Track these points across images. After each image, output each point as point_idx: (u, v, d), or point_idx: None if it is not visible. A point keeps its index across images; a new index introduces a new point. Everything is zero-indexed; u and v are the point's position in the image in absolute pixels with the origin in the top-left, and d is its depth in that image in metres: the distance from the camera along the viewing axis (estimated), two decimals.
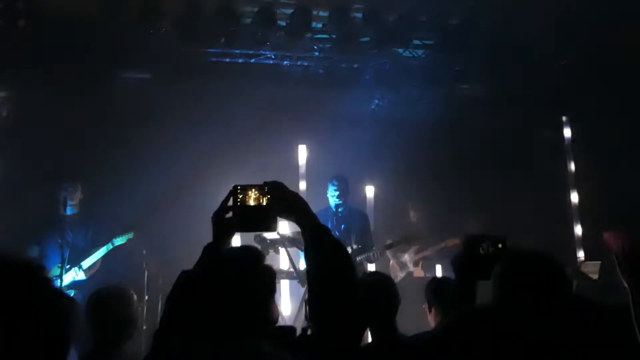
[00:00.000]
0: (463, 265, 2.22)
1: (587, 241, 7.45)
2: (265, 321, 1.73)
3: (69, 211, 5.83)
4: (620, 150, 7.00)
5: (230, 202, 1.91)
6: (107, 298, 3.04)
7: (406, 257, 7.03)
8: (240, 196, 1.89)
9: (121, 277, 5.78)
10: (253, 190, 1.90)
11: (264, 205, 1.89)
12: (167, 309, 1.86)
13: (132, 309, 3.10)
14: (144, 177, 6.43)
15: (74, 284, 5.59)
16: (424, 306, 3.40)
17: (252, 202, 1.89)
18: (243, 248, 1.83)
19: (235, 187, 1.91)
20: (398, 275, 6.85)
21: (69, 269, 5.63)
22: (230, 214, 1.91)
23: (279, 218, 1.91)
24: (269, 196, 1.89)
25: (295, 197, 1.90)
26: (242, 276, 1.72)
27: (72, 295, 5.28)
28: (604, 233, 5.87)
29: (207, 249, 1.91)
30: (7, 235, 5.65)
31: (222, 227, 1.92)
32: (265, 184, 1.91)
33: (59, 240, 5.50)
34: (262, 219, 1.90)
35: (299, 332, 1.91)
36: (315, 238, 1.81)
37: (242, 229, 1.97)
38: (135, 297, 3.18)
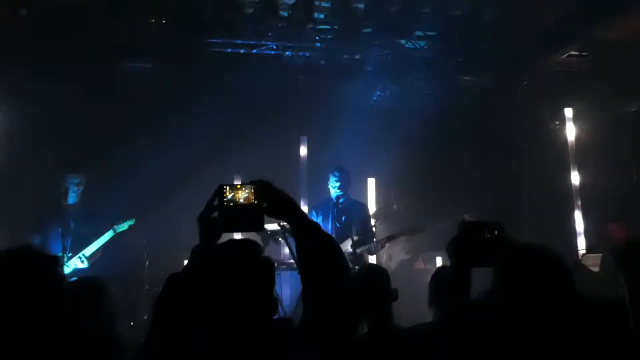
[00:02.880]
0: (458, 251, 2.19)
1: (589, 233, 7.45)
2: (264, 314, 1.73)
3: (71, 200, 5.87)
4: (624, 143, 6.99)
5: (217, 202, 1.85)
6: (80, 289, 3.01)
7: (398, 246, 7.05)
8: (226, 196, 1.84)
9: (122, 266, 5.82)
10: (239, 189, 1.84)
11: (250, 205, 1.83)
12: (158, 312, 1.85)
13: (105, 301, 3.04)
14: (145, 166, 6.44)
15: (77, 272, 5.62)
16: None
17: (238, 202, 1.84)
18: (241, 240, 1.81)
19: (220, 186, 1.85)
20: (390, 265, 6.86)
21: (71, 257, 5.67)
22: (216, 214, 1.86)
23: (266, 217, 1.86)
24: (255, 195, 1.84)
25: (282, 195, 1.86)
26: (240, 269, 1.72)
27: None
28: (609, 224, 5.85)
29: (195, 251, 1.86)
30: (10, 225, 5.69)
31: (209, 228, 1.87)
32: (252, 182, 1.86)
33: (54, 229, 5.54)
34: (249, 219, 1.85)
35: (296, 324, 1.91)
36: (305, 235, 1.80)
37: (229, 229, 1.90)
38: (110, 290, 3.12)
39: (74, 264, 5.69)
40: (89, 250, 5.76)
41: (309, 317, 1.74)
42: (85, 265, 5.73)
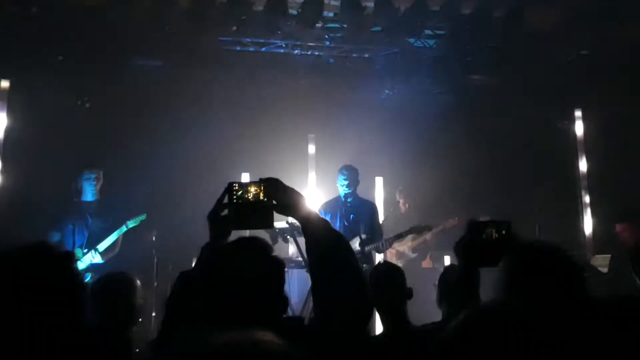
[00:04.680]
0: (466, 251, 2.18)
1: (597, 234, 7.42)
2: (275, 312, 1.74)
3: (89, 197, 5.90)
4: (633, 144, 6.94)
5: (226, 200, 1.87)
6: (113, 284, 3.08)
7: (405, 245, 7.04)
8: (236, 193, 1.86)
9: (131, 263, 5.85)
10: (249, 186, 1.86)
11: (260, 202, 1.85)
12: (170, 309, 1.85)
13: (137, 295, 3.14)
14: (156, 163, 6.46)
15: (92, 267, 5.67)
16: (434, 284, 3.36)
17: (248, 199, 1.85)
18: (251, 239, 1.82)
19: (230, 184, 1.87)
20: (398, 264, 6.84)
21: (86, 252, 5.72)
22: (226, 212, 1.88)
23: (275, 214, 1.87)
24: (265, 192, 1.85)
25: (292, 192, 1.86)
26: (251, 267, 1.72)
27: (89, 277, 5.37)
28: (617, 225, 5.82)
29: (205, 249, 1.87)
30: (30, 222, 5.74)
31: (219, 225, 1.89)
32: (261, 180, 1.87)
33: (72, 226, 5.58)
34: (258, 216, 1.86)
35: (307, 322, 1.91)
36: (315, 233, 1.80)
37: (238, 226, 1.91)
38: (139, 284, 3.21)
39: (89, 259, 5.73)
40: (103, 245, 5.79)
41: (319, 315, 1.75)
42: (100, 260, 5.76)
